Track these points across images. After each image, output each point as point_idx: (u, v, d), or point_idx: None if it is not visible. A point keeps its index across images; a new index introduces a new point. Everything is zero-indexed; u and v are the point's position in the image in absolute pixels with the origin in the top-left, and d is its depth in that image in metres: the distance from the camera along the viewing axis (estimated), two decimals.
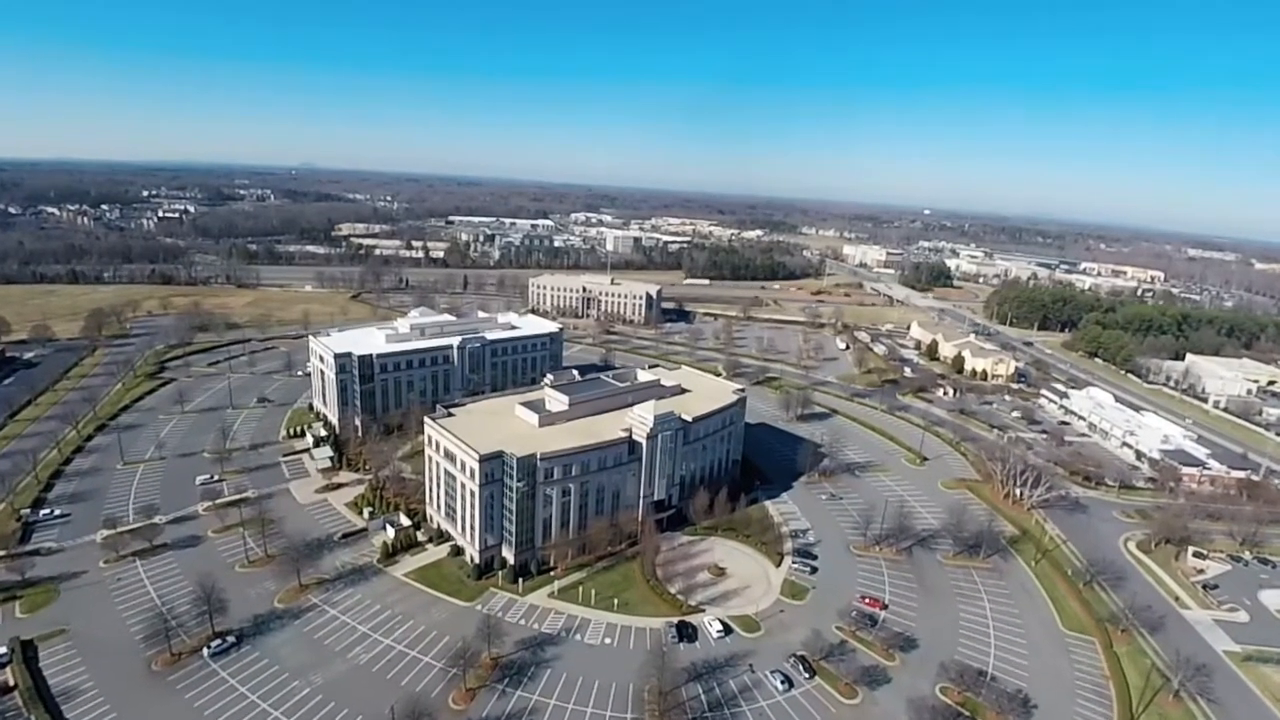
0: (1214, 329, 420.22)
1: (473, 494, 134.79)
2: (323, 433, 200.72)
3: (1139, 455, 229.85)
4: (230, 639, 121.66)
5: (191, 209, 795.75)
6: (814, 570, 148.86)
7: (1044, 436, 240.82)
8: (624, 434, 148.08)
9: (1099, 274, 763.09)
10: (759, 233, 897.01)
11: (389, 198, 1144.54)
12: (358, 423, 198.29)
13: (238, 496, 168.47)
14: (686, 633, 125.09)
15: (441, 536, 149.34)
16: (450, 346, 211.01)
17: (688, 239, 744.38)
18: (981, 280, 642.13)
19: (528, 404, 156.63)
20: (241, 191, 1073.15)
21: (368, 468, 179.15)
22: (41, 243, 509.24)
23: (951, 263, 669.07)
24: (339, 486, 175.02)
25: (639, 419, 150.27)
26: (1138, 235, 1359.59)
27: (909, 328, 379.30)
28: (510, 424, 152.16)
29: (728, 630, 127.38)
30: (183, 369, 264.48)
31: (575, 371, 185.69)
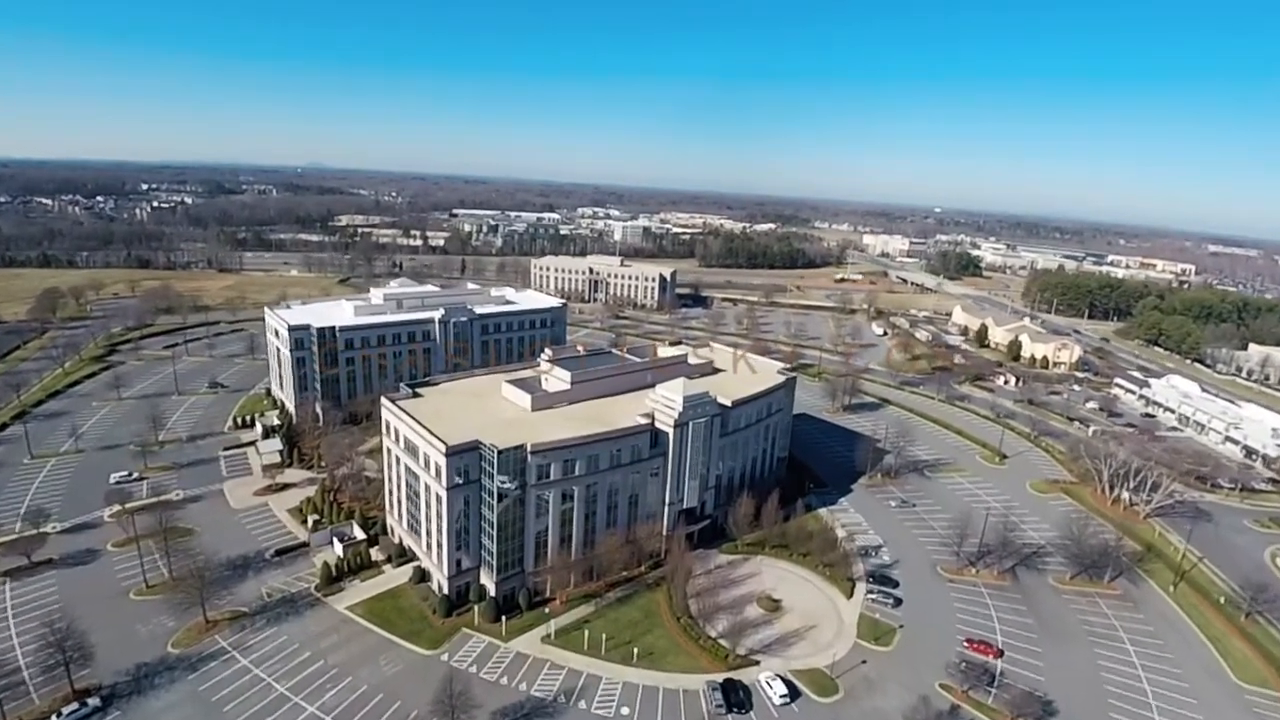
0: (1276, 317, 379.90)
1: (439, 499, 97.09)
2: (276, 422, 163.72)
3: (1249, 453, 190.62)
4: (94, 701, 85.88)
5: (189, 200, 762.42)
6: (897, 602, 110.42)
7: (1130, 430, 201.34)
8: (644, 420, 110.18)
9: (1127, 266, 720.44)
10: (771, 226, 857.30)
11: (394, 193, 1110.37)
12: (319, 410, 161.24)
13: (155, 499, 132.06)
14: (736, 698, 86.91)
15: (404, 555, 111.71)
16: (431, 320, 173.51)
17: (698, 230, 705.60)
18: (1008, 271, 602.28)
19: (518, 382, 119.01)
20: (244, 186, 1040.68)
21: (323, 464, 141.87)
22: (20, 229, 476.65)
23: (974, 253, 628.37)
24: (285, 487, 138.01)
25: (664, 401, 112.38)
26: (1154, 232, 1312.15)
27: (950, 314, 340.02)
28: (495, 407, 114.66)
29: (794, 693, 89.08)
30: (133, 353, 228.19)
31: (580, 347, 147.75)
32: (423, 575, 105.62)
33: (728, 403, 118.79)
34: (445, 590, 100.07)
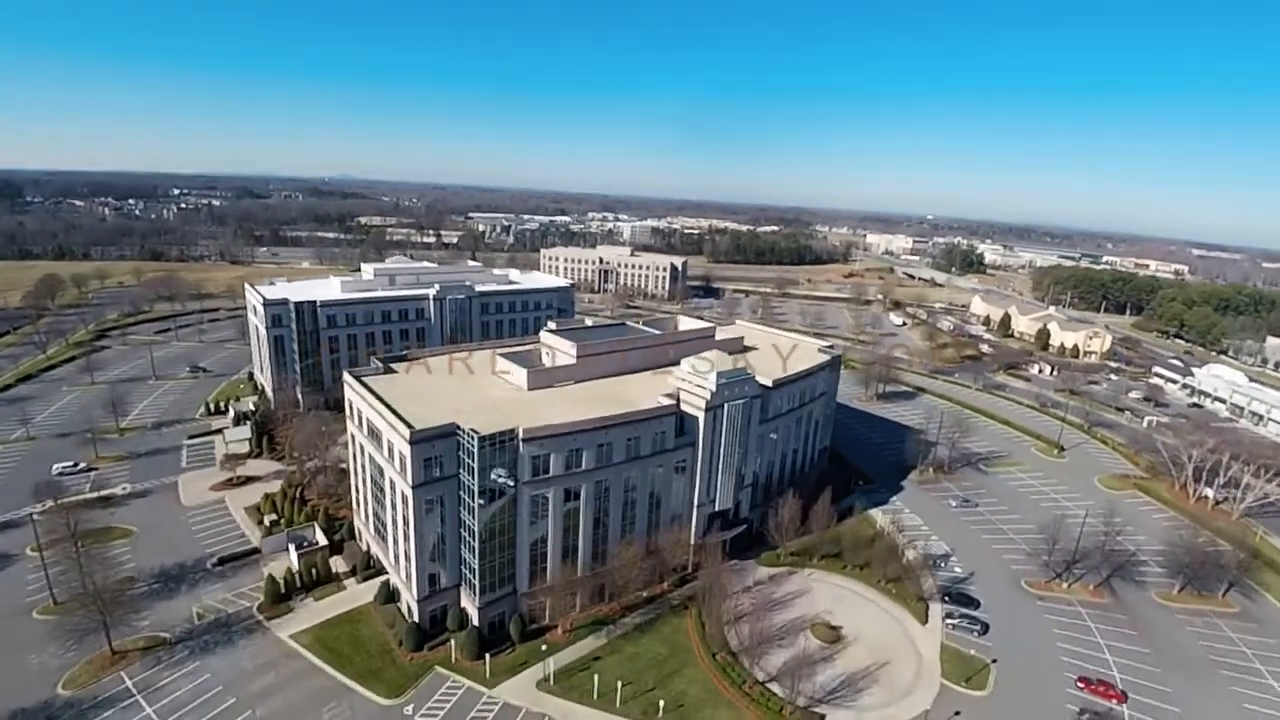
0: None
1: (405, 499, 69.82)
2: (251, 407, 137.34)
3: None
4: None
5: (215, 203, 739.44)
6: (984, 628, 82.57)
7: (1183, 421, 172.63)
8: (668, 402, 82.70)
9: (1122, 266, 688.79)
10: (774, 228, 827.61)
11: (414, 199, 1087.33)
12: (298, 395, 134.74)
13: (97, 494, 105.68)
14: None
15: (370, 567, 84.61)
16: (425, 298, 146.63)
17: (705, 230, 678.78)
18: (1009, 269, 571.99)
19: (513, 356, 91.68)
20: (271, 192, 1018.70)
21: (296, 455, 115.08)
22: (44, 225, 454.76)
23: (977, 250, 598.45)
24: (247, 481, 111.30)
25: (693, 380, 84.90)
26: (1139, 238, 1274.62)
27: (966, 306, 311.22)
28: (484, 385, 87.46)
29: None
30: (121, 338, 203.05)
31: (587, 320, 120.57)
32: (390, 594, 78.41)
33: (768, 383, 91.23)
34: (415, 615, 72.85)
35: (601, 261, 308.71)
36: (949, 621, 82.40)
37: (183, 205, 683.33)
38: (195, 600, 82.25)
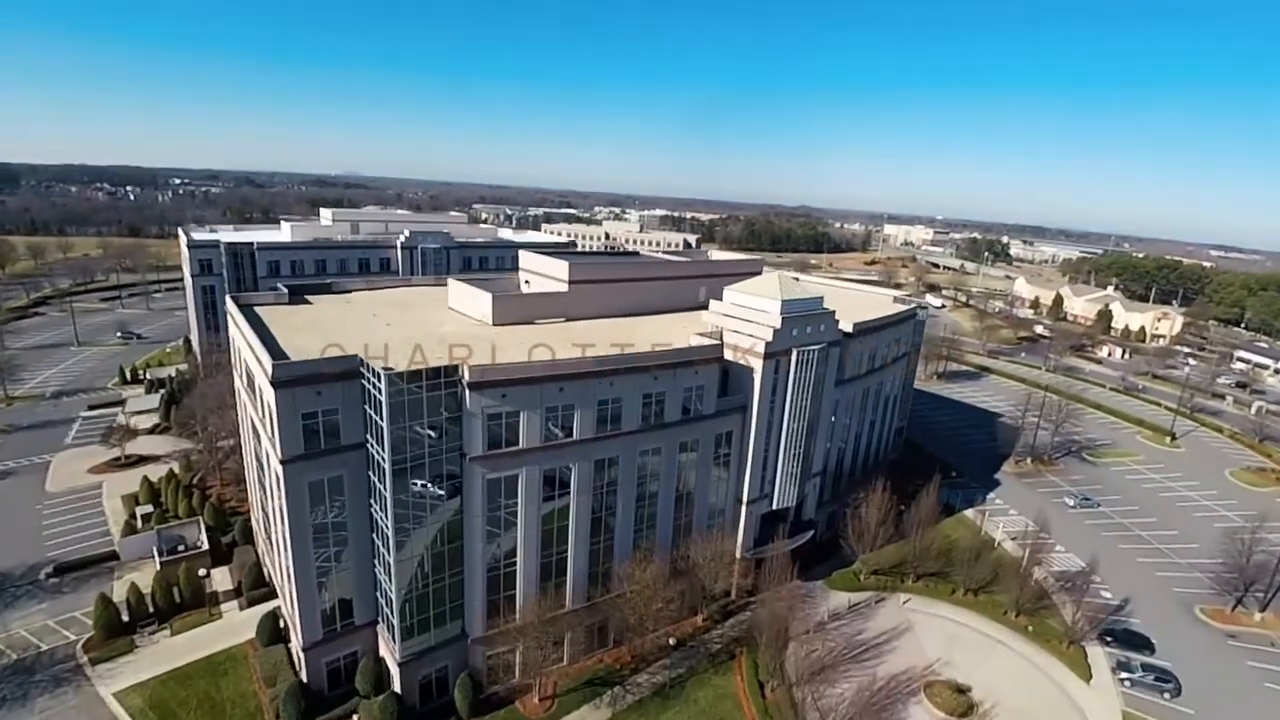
0: None
1: (278, 479, 42.04)
2: (173, 373, 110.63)
3: None
4: None
5: (214, 190, 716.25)
6: (1175, 687, 54.51)
7: None
8: (709, 341, 54.68)
9: None
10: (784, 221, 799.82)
11: (419, 192, 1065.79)
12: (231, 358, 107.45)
13: None
14: None
15: (264, 585, 57.13)
16: (391, 246, 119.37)
17: (717, 216, 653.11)
18: (1034, 262, 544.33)
19: (474, 281, 64.08)
20: (275, 183, 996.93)
21: (208, 429, 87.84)
22: (27, 204, 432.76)
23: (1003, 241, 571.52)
24: (139, 461, 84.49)
25: (743, 313, 57.10)
26: (1152, 239, 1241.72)
27: (1006, 291, 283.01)
28: (429, 319, 59.62)
29: None
30: (59, 304, 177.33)
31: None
32: (279, 629, 50.84)
33: (848, 327, 63.25)
34: (303, 670, 45.27)
35: (608, 238, 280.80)
36: (1124, 676, 54.38)
37: (179, 192, 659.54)
38: (2, 628, 55.16)
